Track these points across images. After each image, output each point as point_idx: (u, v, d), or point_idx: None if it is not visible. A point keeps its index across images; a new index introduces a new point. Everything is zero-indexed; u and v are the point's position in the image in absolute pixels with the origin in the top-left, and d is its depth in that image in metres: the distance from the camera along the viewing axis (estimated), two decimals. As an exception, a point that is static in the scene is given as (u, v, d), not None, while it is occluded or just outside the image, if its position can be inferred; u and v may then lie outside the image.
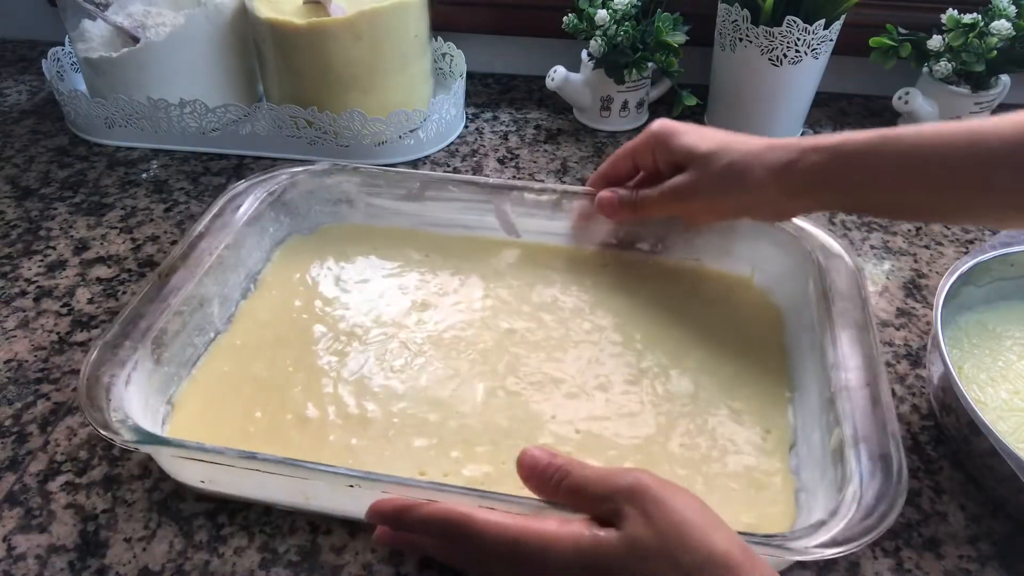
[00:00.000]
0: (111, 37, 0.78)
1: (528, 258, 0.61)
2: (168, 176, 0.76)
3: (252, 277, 0.59)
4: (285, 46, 0.74)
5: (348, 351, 0.54)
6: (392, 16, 0.72)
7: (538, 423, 0.49)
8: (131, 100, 0.76)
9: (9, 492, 0.47)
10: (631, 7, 0.76)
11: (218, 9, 0.76)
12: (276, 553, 0.44)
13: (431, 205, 0.62)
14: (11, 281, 0.63)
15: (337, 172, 0.62)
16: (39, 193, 0.74)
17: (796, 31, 0.72)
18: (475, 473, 0.46)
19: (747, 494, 0.45)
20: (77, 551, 0.44)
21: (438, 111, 0.78)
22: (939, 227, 0.69)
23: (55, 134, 0.83)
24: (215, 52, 0.78)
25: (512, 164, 0.78)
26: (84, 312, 0.60)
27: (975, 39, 0.73)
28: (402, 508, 0.38)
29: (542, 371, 0.52)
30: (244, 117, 0.78)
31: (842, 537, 0.36)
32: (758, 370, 0.52)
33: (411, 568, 0.43)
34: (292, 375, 0.52)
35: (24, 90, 0.92)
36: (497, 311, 0.57)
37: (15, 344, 0.57)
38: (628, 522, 0.33)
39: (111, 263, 0.65)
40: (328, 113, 0.74)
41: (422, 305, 0.57)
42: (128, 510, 0.46)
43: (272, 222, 0.61)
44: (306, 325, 0.56)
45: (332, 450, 0.47)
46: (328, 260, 0.62)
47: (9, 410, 0.52)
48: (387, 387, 0.51)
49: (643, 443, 0.47)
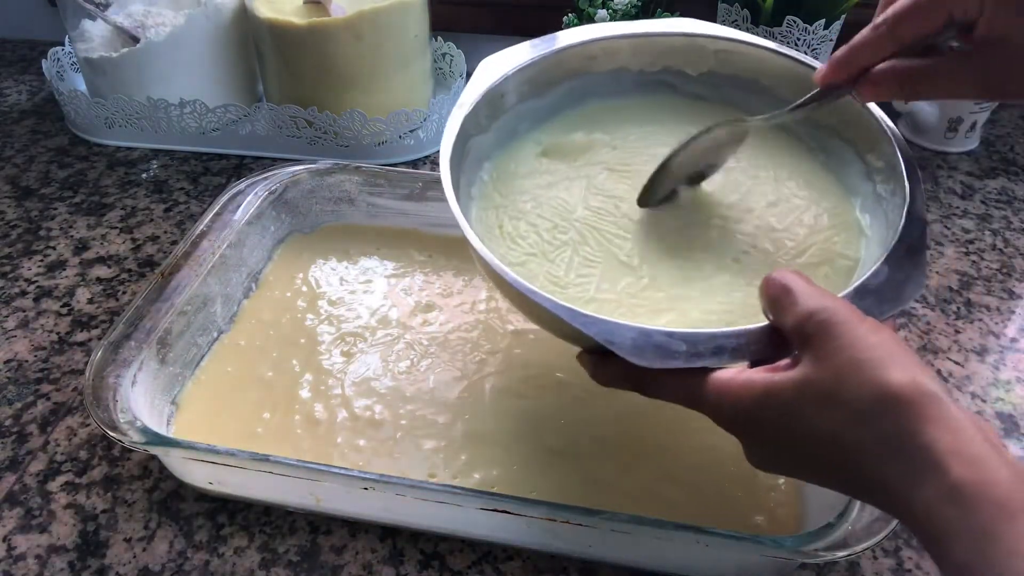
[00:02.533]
0: (111, 37, 0.78)
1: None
2: (168, 176, 0.76)
3: (254, 276, 0.59)
4: (285, 46, 0.74)
5: (354, 352, 0.54)
6: (392, 16, 0.72)
7: (547, 426, 0.49)
8: (131, 100, 0.76)
9: (9, 492, 0.47)
10: (631, 7, 0.76)
11: (218, 9, 0.76)
12: (276, 553, 0.44)
13: (433, 205, 0.62)
14: (11, 281, 0.63)
15: (338, 171, 0.62)
16: (39, 193, 0.74)
17: (796, 31, 0.72)
18: (485, 476, 0.46)
19: (754, 496, 0.45)
20: (77, 551, 0.44)
21: (438, 111, 0.78)
22: (939, 227, 0.69)
23: (55, 134, 0.83)
24: (215, 52, 0.78)
25: (512, 164, 0.78)
26: (84, 312, 0.60)
27: (975, 40, 0.73)
28: None
29: (548, 373, 0.52)
30: (244, 117, 0.78)
31: (849, 539, 0.37)
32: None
33: (411, 568, 0.43)
34: (297, 376, 0.52)
35: (24, 90, 0.92)
36: (501, 312, 0.57)
37: (15, 344, 0.57)
38: (804, 361, 0.30)
39: (111, 263, 0.65)
40: (328, 113, 0.74)
41: (427, 306, 0.57)
42: (128, 510, 0.46)
43: (273, 221, 0.61)
44: (310, 325, 0.56)
45: (341, 452, 0.47)
46: (330, 259, 0.62)
47: (9, 410, 0.52)
48: (394, 388, 0.51)
49: (653, 446, 0.47)
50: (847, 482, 0.30)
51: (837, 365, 0.29)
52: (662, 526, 0.38)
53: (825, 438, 0.29)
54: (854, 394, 0.28)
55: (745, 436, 0.33)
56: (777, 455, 0.32)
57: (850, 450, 0.29)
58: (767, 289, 0.33)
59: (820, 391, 0.29)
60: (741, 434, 0.33)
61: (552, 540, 0.43)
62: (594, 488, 0.45)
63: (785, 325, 0.32)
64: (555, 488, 0.45)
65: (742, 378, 0.32)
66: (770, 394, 0.31)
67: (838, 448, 0.29)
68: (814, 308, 0.31)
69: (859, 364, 0.29)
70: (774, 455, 0.33)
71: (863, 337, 0.29)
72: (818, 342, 0.30)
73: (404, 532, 0.45)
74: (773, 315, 0.33)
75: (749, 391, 0.31)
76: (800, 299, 0.32)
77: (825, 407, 0.29)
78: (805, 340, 0.31)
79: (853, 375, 0.29)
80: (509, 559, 0.44)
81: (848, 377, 0.29)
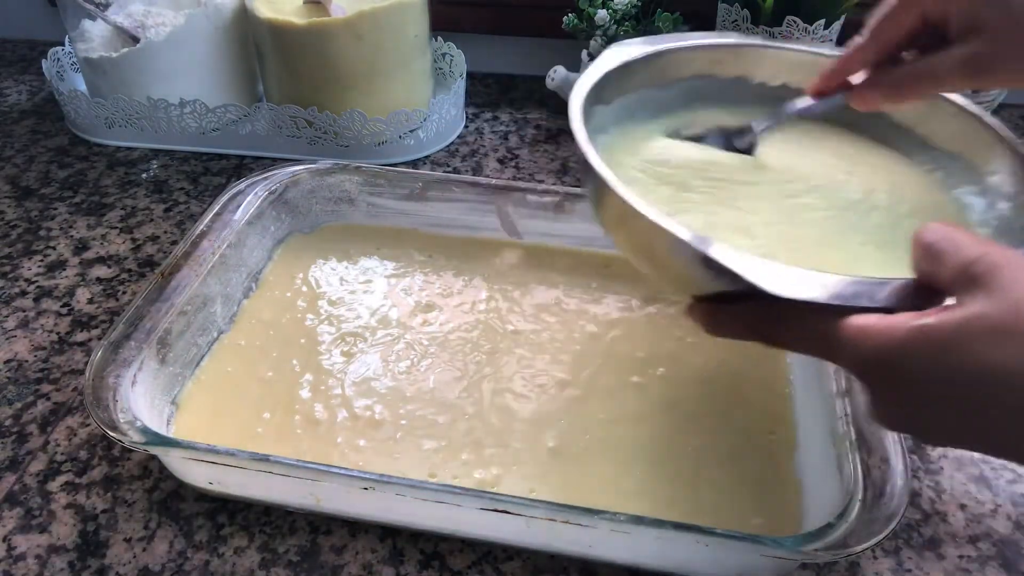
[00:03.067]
0: (111, 37, 0.78)
1: (530, 259, 0.61)
2: (168, 176, 0.76)
3: (254, 276, 0.59)
4: (285, 46, 0.74)
5: (354, 352, 0.54)
6: (392, 16, 0.72)
7: (546, 425, 0.49)
8: (131, 100, 0.76)
9: (9, 492, 0.47)
10: (631, 7, 0.76)
11: (218, 9, 0.76)
12: (276, 553, 0.44)
13: (433, 205, 0.62)
14: (11, 281, 0.63)
15: (338, 171, 0.62)
16: (39, 193, 0.74)
17: (796, 31, 0.72)
18: (485, 476, 0.46)
19: (754, 496, 0.45)
20: (77, 551, 0.44)
21: (438, 111, 0.78)
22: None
23: (55, 134, 0.83)
24: (215, 52, 0.78)
25: (512, 164, 0.78)
26: (84, 312, 0.60)
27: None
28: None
29: (548, 373, 0.52)
30: (244, 117, 0.78)
31: (849, 539, 0.37)
32: (762, 371, 0.52)
33: (411, 568, 0.43)
34: (298, 376, 0.52)
35: (24, 90, 0.92)
36: (501, 312, 0.57)
37: (15, 344, 0.57)
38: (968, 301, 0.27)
39: (111, 263, 0.65)
40: (328, 113, 0.74)
41: (427, 306, 0.57)
42: (128, 510, 0.46)
43: (273, 221, 0.61)
44: (310, 325, 0.56)
45: (341, 452, 0.47)
46: (330, 260, 0.62)
47: (9, 410, 0.52)
48: (394, 388, 0.51)
49: (651, 445, 0.47)
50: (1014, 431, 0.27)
51: (1015, 298, 0.26)
52: (662, 526, 0.38)
53: (995, 375, 0.26)
54: None
55: (882, 385, 0.29)
56: (920, 408, 0.28)
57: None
58: (925, 236, 0.30)
59: (992, 324, 0.26)
60: (877, 382, 0.29)
61: (552, 540, 0.43)
62: (594, 488, 0.45)
63: (944, 273, 0.29)
64: (555, 488, 0.45)
65: (888, 320, 0.28)
66: (924, 332, 0.27)
67: (1010, 387, 0.25)
68: (982, 251, 0.28)
69: None
70: (916, 408, 0.29)
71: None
72: (989, 280, 0.27)
73: (404, 532, 0.45)
74: (928, 264, 0.30)
75: (898, 331, 0.28)
76: (964, 246, 0.28)
77: (999, 340, 0.25)
78: (971, 281, 0.27)
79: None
80: (509, 559, 0.44)
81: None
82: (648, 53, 0.46)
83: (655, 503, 0.44)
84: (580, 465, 0.46)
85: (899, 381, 0.28)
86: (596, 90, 0.43)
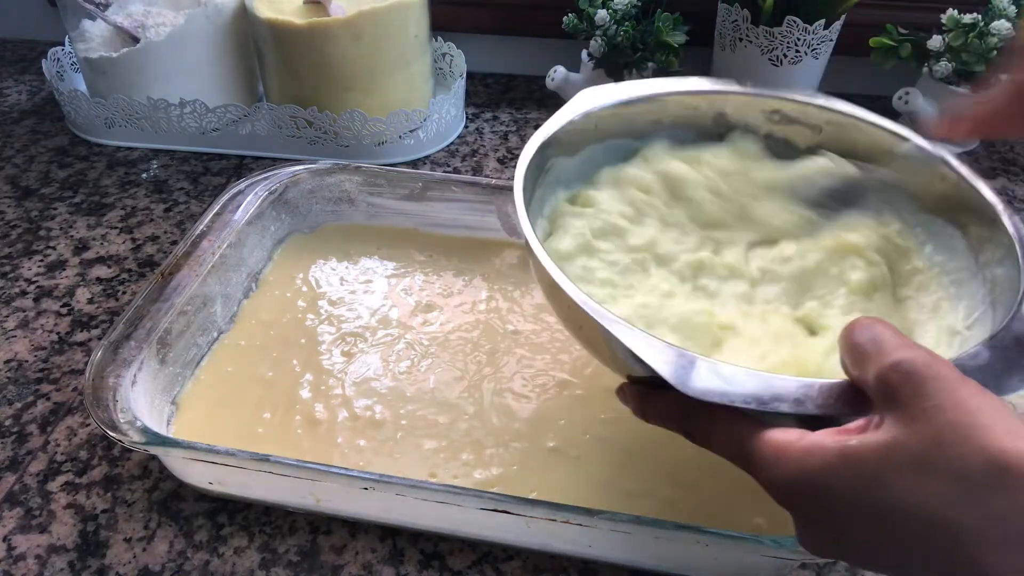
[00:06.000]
0: (111, 37, 0.78)
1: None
2: (168, 176, 0.76)
3: (254, 276, 0.59)
4: (285, 46, 0.74)
5: (354, 352, 0.54)
6: (392, 16, 0.72)
7: (547, 426, 0.49)
8: (131, 100, 0.76)
9: (9, 492, 0.47)
10: (631, 7, 0.76)
11: (218, 9, 0.76)
12: (276, 553, 0.44)
13: (433, 205, 0.62)
14: (11, 281, 0.63)
15: (338, 171, 0.62)
16: (39, 193, 0.74)
17: (796, 31, 0.72)
18: (485, 476, 0.46)
19: (754, 496, 0.44)
20: (77, 551, 0.44)
21: (438, 111, 0.78)
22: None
23: (55, 134, 0.83)
24: (215, 52, 0.78)
25: (512, 164, 0.78)
26: (84, 312, 0.60)
27: (975, 39, 0.73)
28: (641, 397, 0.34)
29: (548, 373, 0.52)
30: (244, 117, 0.78)
31: None
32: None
33: (411, 568, 0.43)
34: (298, 376, 0.52)
35: (24, 90, 0.92)
36: (501, 312, 0.57)
37: (15, 344, 0.57)
38: (889, 422, 0.26)
39: (111, 263, 0.65)
40: (328, 113, 0.74)
41: (427, 306, 0.57)
42: (128, 510, 0.46)
43: (273, 221, 0.61)
44: (310, 325, 0.56)
45: (341, 452, 0.47)
46: (330, 259, 0.62)
47: (9, 410, 0.52)
48: (395, 388, 0.51)
49: (652, 447, 0.47)
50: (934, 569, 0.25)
51: (935, 428, 0.24)
52: (662, 526, 0.38)
53: (915, 514, 0.24)
54: (958, 464, 0.24)
55: (803, 510, 0.28)
56: (844, 534, 0.27)
57: (948, 530, 0.24)
58: (849, 335, 0.29)
59: (912, 457, 0.24)
60: (799, 506, 0.28)
61: (552, 540, 0.43)
62: (594, 488, 0.45)
63: (867, 377, 0.27)
64: (555, 488, 0.45)
65: (808, 440, 0.27)
66: (846, 457, 0.26)
67: (931, 527, 0.24)
68: (903, 357, 0.26)
69: (963, 428, 0.24)
70: (839, 534, 0.27)
71: (966, 399, 0.25)
72: (908, 399, 0.25)
73: (404, 532, 0.45)
74: (853, 365, 0.29)
75: (817, 454, 0.26)
76: (887, 347, 0.27)
77: (919, 476, 0.24)
78: (890, 395, 0.26)
79: (956, 441, 0.24)
80: (509, 559, 0.44)
81: (949, 443, 0.24)
82: (616, 102, 0.44)
83: (655, 503, 0.44)
84: (580, 465, 0.46)
85: (821, 505, 0.27)
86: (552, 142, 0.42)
